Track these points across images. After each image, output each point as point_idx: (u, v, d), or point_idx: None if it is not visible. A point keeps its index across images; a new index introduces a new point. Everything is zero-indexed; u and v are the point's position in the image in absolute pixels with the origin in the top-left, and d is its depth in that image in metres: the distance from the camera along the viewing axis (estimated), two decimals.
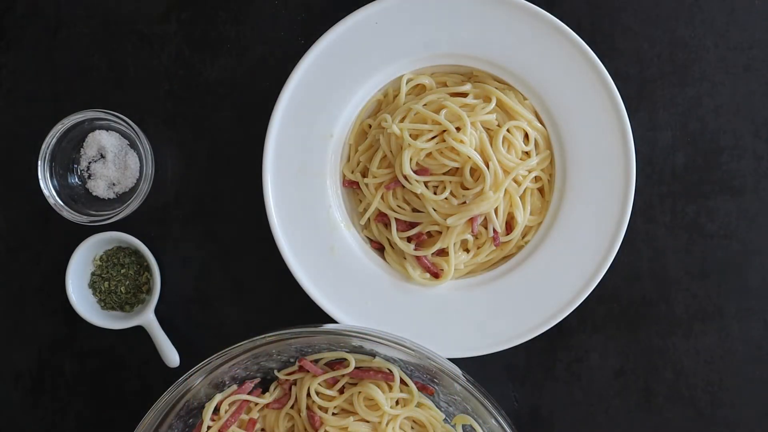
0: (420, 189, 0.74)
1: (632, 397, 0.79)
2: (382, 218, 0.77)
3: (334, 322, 0.75)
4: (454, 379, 0.67)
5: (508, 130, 0.74)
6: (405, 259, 0.76)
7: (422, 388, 0.73)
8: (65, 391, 0.80)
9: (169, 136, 0.79)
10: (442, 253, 0.75)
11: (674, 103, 0.79)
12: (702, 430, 0.79)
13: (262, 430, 0.75)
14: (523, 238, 0.76)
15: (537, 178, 0.76)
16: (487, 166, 0.73)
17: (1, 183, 0.80)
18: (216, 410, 0.72)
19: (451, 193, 0.74)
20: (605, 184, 0.74)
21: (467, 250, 0.76)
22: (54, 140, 0.76)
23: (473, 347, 0.75)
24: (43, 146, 0.76)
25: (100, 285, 0.79)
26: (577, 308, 0.74)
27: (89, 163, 0.79)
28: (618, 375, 0.79)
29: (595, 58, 0.73)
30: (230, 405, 0.73)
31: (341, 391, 0.73)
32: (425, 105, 0.75)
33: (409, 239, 0.76)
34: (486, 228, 0.75)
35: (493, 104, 0.74)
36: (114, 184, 0.79)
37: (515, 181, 0.75)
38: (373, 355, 0.72)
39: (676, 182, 0.79)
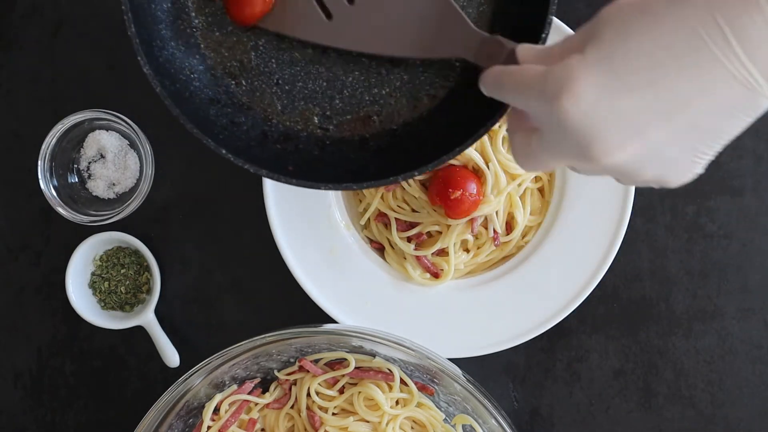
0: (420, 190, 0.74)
1: (632, 397, 0.79)
2: (382, 218, 0.77)
3: (334, 322, 0.75)
4: (454, 379, 0.67)
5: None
6: (405, 259, 0.76)
7: (422, 388, 0.73)
8: (65, 391, 0.80)
9: (169, 136, 0.79)
10: (442, 253, 0.75)
11: None
12: (702, 430, 0.79)
13: (262, 430, 0.75)
14: (523, 238, 0.76)
15: (537, 178, 0.76)
16: (487, 167, 0.73)
17: (1, 183, 0.80)
18: (216, 410, 0.72)
19: None
20: (605, 184, 0.74)
21: (467, 250, 0.76)
22: (54, 140, 0.76)
23: (473, 347, 0.75)
24: (43, 146, 0.76)
25: (100, 285, 0.79)
26: (577, 308, 0.74)
27: (89, 163, 0.79)
28: (618, 375, 0.79)
29: None
30: (230, 405, 0.73)
31: (341, 391, 0.73)
32: None
33: (409, 239, 0.76)
34: (486, 228, 0.75)
35: None
36: (114, 184, 0.79)
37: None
38: (373, 355, 0.72)
39: None
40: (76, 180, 0.79)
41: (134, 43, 0.58)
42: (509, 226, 0.76)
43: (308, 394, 0.73)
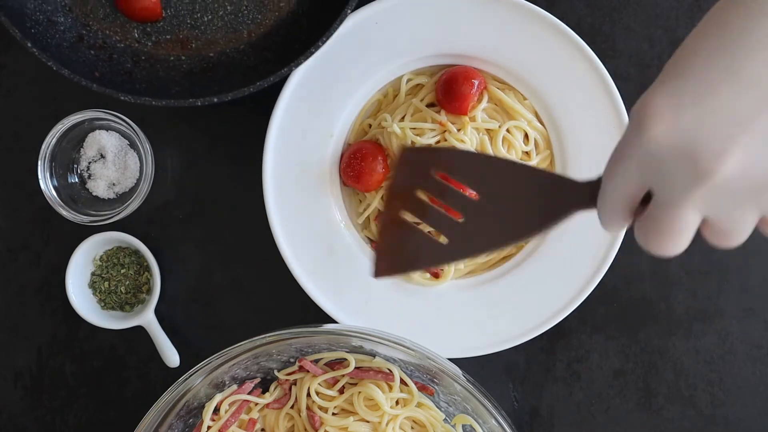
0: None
1: (632, 397, 0.79)
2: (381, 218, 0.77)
3: (334, 322, 0.75)
4: (454, 379, 0.67)
5: (507, 130, 0.74)
6: None
7: (422, 388, 0.73)
8: (65, 391, 0.80)
9: (169, 136, 0.79)
10: None
11: None
12: (702, 430, 0.79)
13: (262, 430, 0.75)
14: None
15: None
16: None
17: (1, 183, 0.80)
18: (216, 410, 0.72)
19: None
20: None
21: None
22: (54, 140, 0.76)
23: (473, 347, 0.75)
24: (43, 146, 0.76)
25: (100, 285, 0.79)
26: (577, 308, 0.74)
27: (89, 163, 0.79)
28: (618, 375, 0.79)
29: (595, 58, 0.73)
30: (230, 405, 0.73)
31: (341, 391, 0.73)
32: (424, 103, 0.75)
33: None
34: None
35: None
36: (114, 184, 0.79)
37: None
38: (373, 355, 0.72)
39: None
40: (76, 180, 0.79)
41: None
42: None
43: (308, 394, 0.73)
